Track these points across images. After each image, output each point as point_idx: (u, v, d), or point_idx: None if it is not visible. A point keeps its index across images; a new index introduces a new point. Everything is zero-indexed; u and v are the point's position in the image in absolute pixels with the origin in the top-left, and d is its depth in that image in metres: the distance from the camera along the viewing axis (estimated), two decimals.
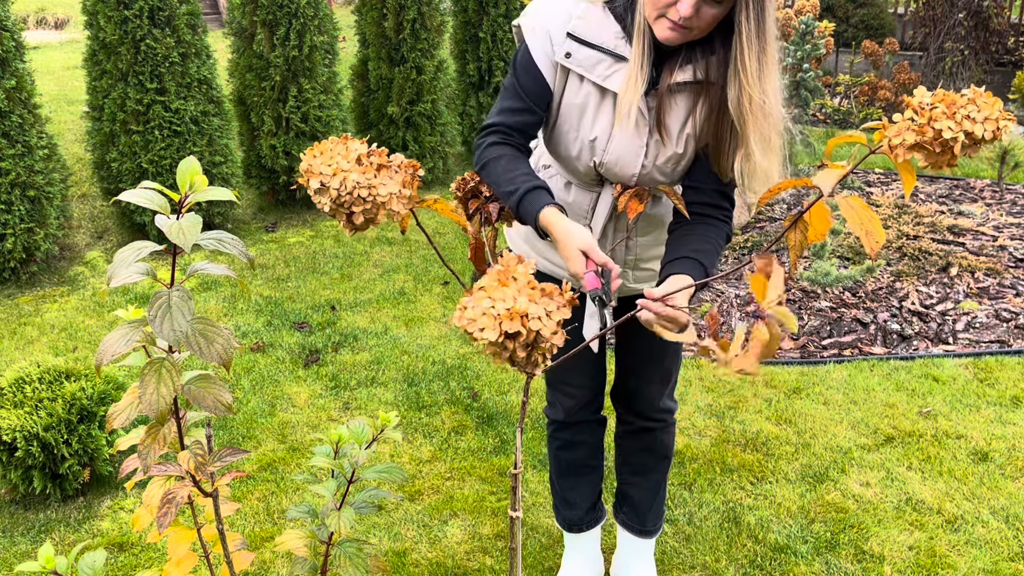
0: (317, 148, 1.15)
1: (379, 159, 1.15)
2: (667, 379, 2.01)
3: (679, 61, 1.53)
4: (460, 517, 2.53)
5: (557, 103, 1.64)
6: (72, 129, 6.34)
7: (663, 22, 1.46)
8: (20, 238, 4.08)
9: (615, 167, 1.63)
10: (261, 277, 4.34)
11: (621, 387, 2.06)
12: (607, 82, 1.56)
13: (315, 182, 1.12)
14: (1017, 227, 4.66)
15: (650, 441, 2.09)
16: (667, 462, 2.14)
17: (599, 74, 1.56)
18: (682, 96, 1.56)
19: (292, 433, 2.97)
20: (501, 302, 1.03)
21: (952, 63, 7.16)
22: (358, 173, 1.11)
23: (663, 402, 2.04)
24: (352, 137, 1.17)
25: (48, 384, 2.59)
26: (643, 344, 1.95)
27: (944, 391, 3.13)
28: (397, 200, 1.14)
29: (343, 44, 6.54)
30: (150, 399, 1.16)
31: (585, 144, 1.63)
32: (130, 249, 1.13)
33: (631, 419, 2.08)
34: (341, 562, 1.49)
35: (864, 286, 3.96)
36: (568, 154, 1.67)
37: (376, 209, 1.14)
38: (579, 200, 1.73)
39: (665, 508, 2.24)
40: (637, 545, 2.21)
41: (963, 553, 2.34)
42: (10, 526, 2.54)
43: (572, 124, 1.63)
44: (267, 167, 5.11)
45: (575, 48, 1.56)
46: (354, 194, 1.11)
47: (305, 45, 4.88)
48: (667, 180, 1.66)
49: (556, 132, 1.67)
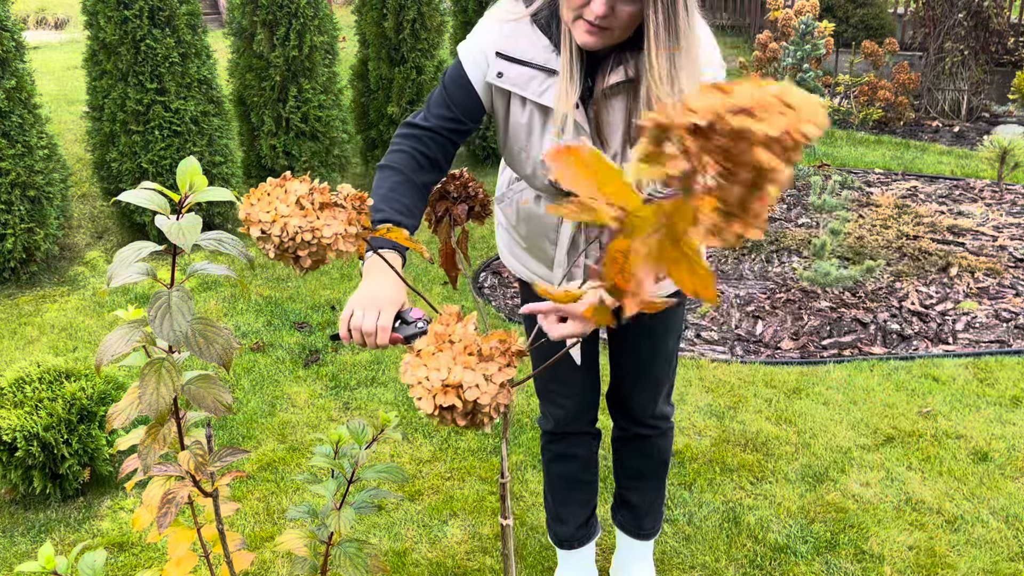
0: (255, 194, 1.10)
1: (321, 197, 1.09)
2: (659, 386, 1.98)
3: (610, 64, 1.49)
4: (460, 517, 2.53)
5: (503, 124, 1.61)
6: (72, 129, 6.34)
7: (580, 24, 1.41)
8: (20, 238, 4.08)
9: None
10: (261, 277, 4.34)
11: (615, 393, 2.05)
12: (542, 98, 1.52)
13: (255, 231, 1.07)
14: (1017, 227, 4.66)
15: (647, 447, 2.08)
16: (665, 467, 2.13)
17: (533, 91, 1.52)
18: (618, 98, 1.52)
19: (292, 433, 2.97)
20: (435, 372, 0.97)
21: (952, 63, 7.15)
22: (299, 217, 1.06)
23: (657, 408, 2.02)
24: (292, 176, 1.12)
25: (48, 384, 2.59)
26: (633, 351, 1.94)
27: (944, 391, 3.13)
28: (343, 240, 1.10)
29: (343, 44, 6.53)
30: (150, 399, 1.16)
31: (536, 163, 1.60)
32: (130, 249, 1.13)
33: (626, 425, 2.07)
34: (341, 562, 1.49)
35: (864, 286, 3.96)
36: (524, 174, 1.65)
37: (322, 251, 1.09)
38: (549, 213, 1.68)
39: (664, 509, 2.24)
40: (636, 546, 2.21)
41: (963, 553, 2.34)
42: (10, 526, 2.54)
43: (521, 145, 1.60)
44: (267, 167, 5.11)
45: (506, 67, 1.53)
46: (297, 239, 1.06)
47: (305, 45, 4.88)
48: None
49: (508, 154, 1.65)
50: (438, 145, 1.57)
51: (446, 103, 1.58)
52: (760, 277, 4.17)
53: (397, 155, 1.55)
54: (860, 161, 6.11)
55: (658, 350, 1.92)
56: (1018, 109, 7.32)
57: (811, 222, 4.84)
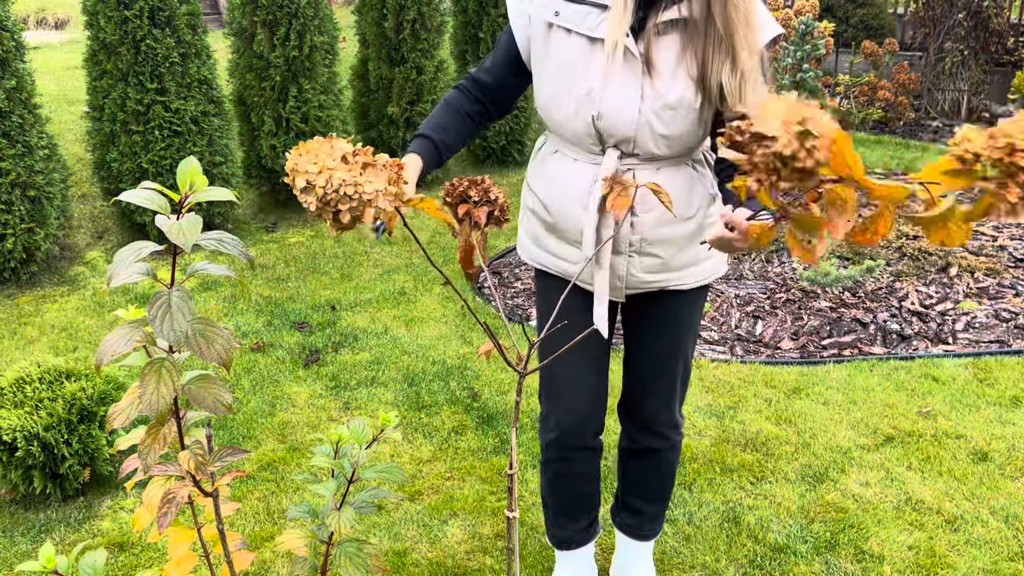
0: (303, 147, 1.14)
1: (364, 157, 1.14)
2: (672, 390, 1.93)
3: (664, 2, 1.56)
4: (460, 517, 2.53)
5: (542, 65, 1.69)
6: (72, 129, 6.34)
7: None
8: (20, 238, 4.09)
9: (614, 115, 1.62)
10: (261, 277, 4.34)
11: (627, 399, 2.00)
12: (596, 31, 1.59)
13: (301, 181, 1.12)
14: (1017, 227, 4.66)
15: (656, 462, 2.03)
16: (671, 481, 2.09)
17: (588, 26, 1.60)
18: (672, 36, 1.57)
19: (292, 433, 2.97)
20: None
21: (952, 63, 7.16)
22: (344, 171, 1.11)
23: (670, 416, 1.96)
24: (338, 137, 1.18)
25: (48, 384, 2.59)
26: (650, 349, 1.90)
27: (944, 391, 3.13)
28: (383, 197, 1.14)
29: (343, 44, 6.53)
30: (150, 399, 1.16)
31: (581, 99, 1.63)
32: (130, 249, 1.14)
33: (636, 435, 2.01)
34: (341, 562, 1.49)
35: (864, 286, 3.97)
36: (567, 115, 1.67)
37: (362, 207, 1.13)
38: (583, 173, 1.71)
39: (666, 513, 2.23)
40: (636, 547, 2.19)
41: (963, 553, 2.34)
42: (10, 526, 2.54)
43: (564, 85, 1.65)
44: (267, 167, 5.11)
45: (562, 6, 1.62)
46: (340, 192, 1.11)
47: (305, 45, 4.88)
48: (669, 135, 1.63)
49: (549, 98, 1.69)
50: (482, 90, 1.77)
51: (493, 52, 1.78)
52: (760, 277, 4.17)
53: (449, 92, 1.80)
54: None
55: (676, 348, 1.88)
56: (1018, 109, 7.31)
57: None
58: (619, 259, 1.73)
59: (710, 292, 3.98)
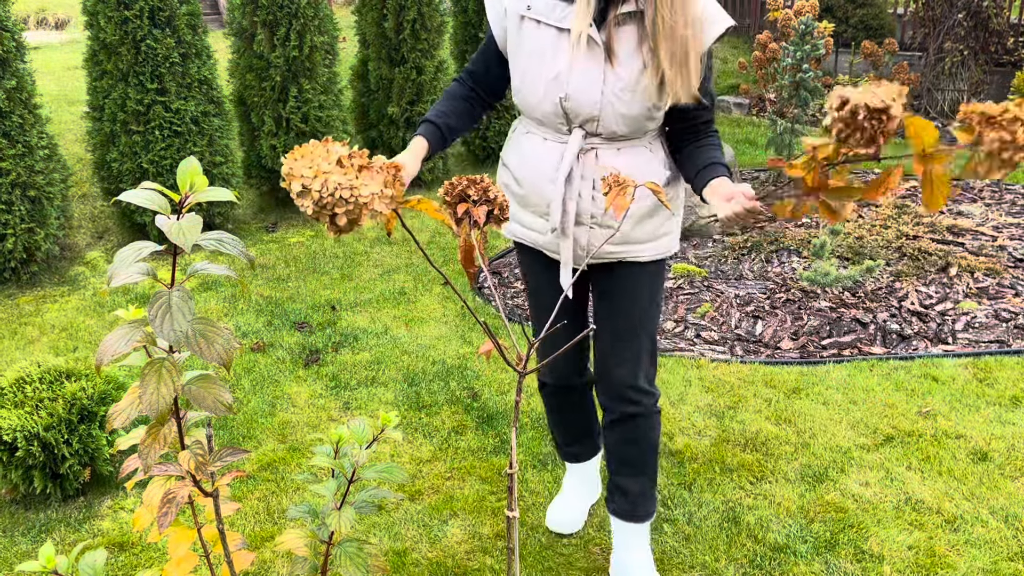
0: (298, 151, 1.15)
1: (360, 160, 1.15)
2: (639, 360, 2.09)
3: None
4: (460, 517, 2.54)
5: (516, 57, 1.90)
6: (72, 129, 6.35)
7: None
8: (20, 238, 4.09)
9: (579, 97, 1.82)
10: (261, 277, 4.34)
11: (599, 371, 2.14)
12: (563, 23, 1.80)
13: (296, 185, 1.12)
14: (1016, 227, 4.66)
15: (632, 430, 2.14)
16: (654, 452, 2.20)
17: (556, 17, 1.82)
18: (629, 27, 1.78)
19: (292, 433, 2.97)
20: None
21: (951, 63, 7.16)
22: (339, 175, 1.11)
23: (639, 382, 2.10)
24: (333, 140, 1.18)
25: (48, 384, 2.59)
26: (615, 324, 2.07)
27: (943, 391, 3.13)
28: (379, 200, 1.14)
29: (343, 44, 6.53)
30: (150, 399, 1.16)
31: (548, 83, 1.84)
32: (130, 249, 1.14)
33: (610, 405, 2.15)
34: (341, 562, 1.49)
35: (864, 286, 3.97)
36: (536, 98, 1.88)
37: (358, 210, 1.14)
38: (552, 150, 1.92)
39: (657, 493, 2.26)
40: (631, 532, 2.24)
41: (962, 553, 2.34)
42: (10, 526, 2.54)
43: (534, 70, 1.86)
44: (267, 167, 5.11)
45: (533, 0, 1.84)
46: (336, 195, 1.11)
47: (305, 45, 4.88)
48: (629, 115, 1.84)
49: (522, 82, 1.90)
50: (476, 81, 2.01)
51: (481, 49, 2.00)
52: (760, 277, 4.17)
53: (451, 86, 2.03)
54: None
55: (639, 318, 2.05)
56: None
57: (811, 222, 4.85)
58: (581, 230, 1.94)
59: (709, 292, 3.99)
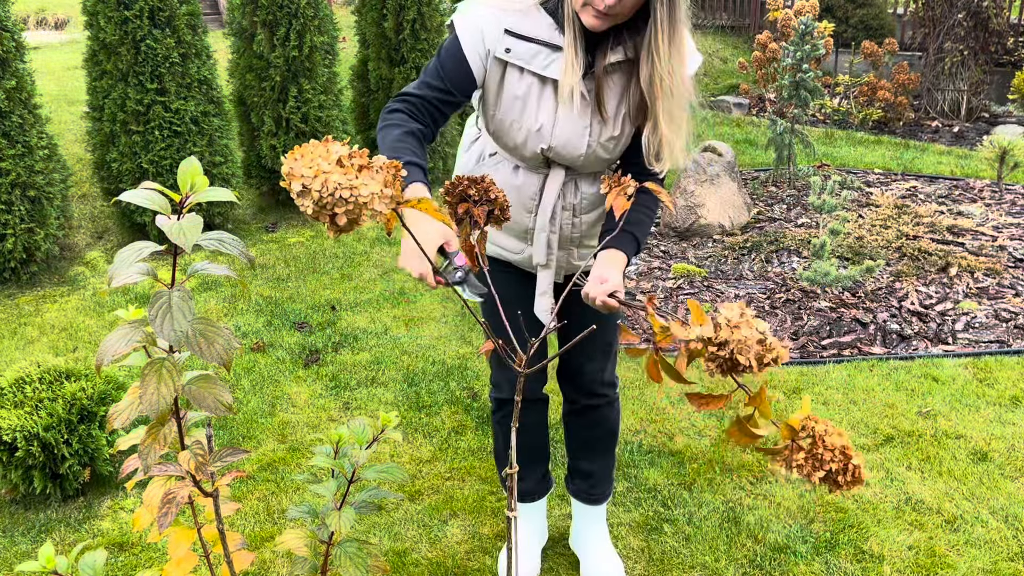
0: (298, 151, 1.15)
1: (360, 160, 1.15)
2: (607, 353, 2.12)
3: (610, 44, 1.68)
4: (460, 517, 2.53)
5: (495, 98, 1.76)
6: (72, 129, 6.34)
7: (588, 10, 1.60)
8: (20, 238, 4.09)
9: (563, 150, 1.77)
10: (261, 277, 4.34)
11: (565, 366, 2.16)
12: (547, 71, 1.70)
13: (296, 184, 1.12)
14: (1016, 227, 4.66)
15: (596, 417, 2.19)
16: (614, 437, 2.25)
17: (539, 64, 1.70)
18: (616, 76, 1.72)
19: (292, 433, 2.97)
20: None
21: (951, 63, 7.16)
22: (339, 174, 1.12)
23: (606, 376, 2.14)
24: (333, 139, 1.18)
25: (48, 384, 2.59)
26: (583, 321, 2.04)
27: (943, 391, 3.13)
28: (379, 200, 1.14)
29: (343, 44, 6.54)
30: (150, 399, 1.16)
31: (531, 133, 1.75)
32: (130, 249, 1.14)
33: (576, 398, 2.18)
34: (341, 562, 1.49)
35: (863, 286, 3.97)
36: (515, 144, 1.79)
37: (358, 209, 1.14)
38: (528, 182, 1.85)
39: (614, 476, 2.35)
40: (589, 511, 2.31)
41: (962, 553, 2.34)
42: (10, 526, 2.54)
43: (515, 116, 1.76)
44: (267, 167, 5.11)
45: (513, 43, 1.70)
46: (335, 195, 1.11)
47: (305, 45, 4.88)
48: (609, 158, 1.81)
49: (500, 125, 1.80)
50: (427, 113, 1.72)
51: (439, 75, 1.73)
52: (760, 277, 4.17)
53: (394, 115, 1.70)
54: (860, 161, 6.11)
55: (608, 318, 2.04)
56: (1017, 109, 7.32)
57: (811, 222, 4.85)
58: (562, 254, 1.95)
59: (709, 292, 3.99)
